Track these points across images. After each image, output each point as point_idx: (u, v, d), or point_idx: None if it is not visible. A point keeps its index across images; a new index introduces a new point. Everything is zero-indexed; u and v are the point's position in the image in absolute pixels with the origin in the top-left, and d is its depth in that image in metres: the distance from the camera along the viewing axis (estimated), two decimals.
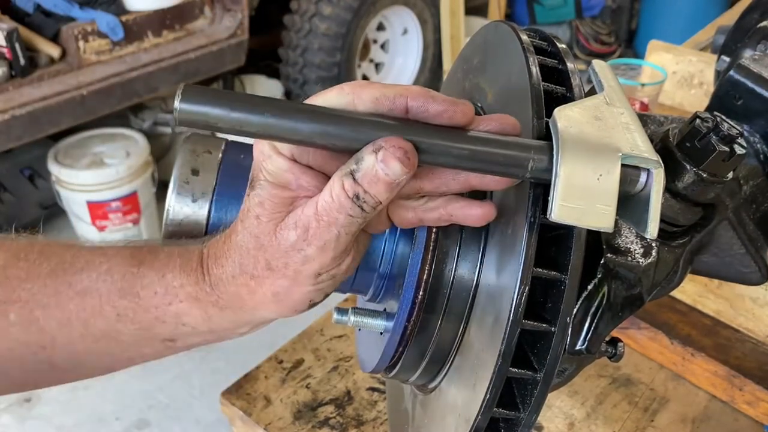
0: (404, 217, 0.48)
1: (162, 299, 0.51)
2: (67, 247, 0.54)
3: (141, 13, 2.67)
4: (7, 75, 2.31)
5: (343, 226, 0.44)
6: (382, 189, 0.42)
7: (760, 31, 0.85)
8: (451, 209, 0.47)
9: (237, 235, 0.48)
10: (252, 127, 0.40)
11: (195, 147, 0.59)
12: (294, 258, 0.46)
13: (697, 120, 0.47)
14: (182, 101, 0.39)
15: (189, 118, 0.39)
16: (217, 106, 0.39)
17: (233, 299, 0.50)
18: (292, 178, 0.44)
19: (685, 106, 1.62)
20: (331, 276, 0.48)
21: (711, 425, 0.93)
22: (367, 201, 0.42)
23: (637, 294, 0.51)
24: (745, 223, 0.59)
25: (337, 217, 0.43)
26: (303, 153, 0.44)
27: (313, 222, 0.44)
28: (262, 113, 0.40)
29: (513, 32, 0.53)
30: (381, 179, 0.41)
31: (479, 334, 0.50)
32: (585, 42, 4.42)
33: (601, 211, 0.40)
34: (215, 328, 0.52)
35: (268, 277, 0.47)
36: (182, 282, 0.50)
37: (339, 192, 0.42)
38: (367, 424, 0.92)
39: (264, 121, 0.40)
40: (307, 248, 0.45)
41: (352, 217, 0.43)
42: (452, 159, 0.42)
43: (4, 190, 2.71)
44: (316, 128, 0.40)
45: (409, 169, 0.41)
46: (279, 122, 0.40)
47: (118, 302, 0.51)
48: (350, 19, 3.16)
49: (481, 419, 0.46)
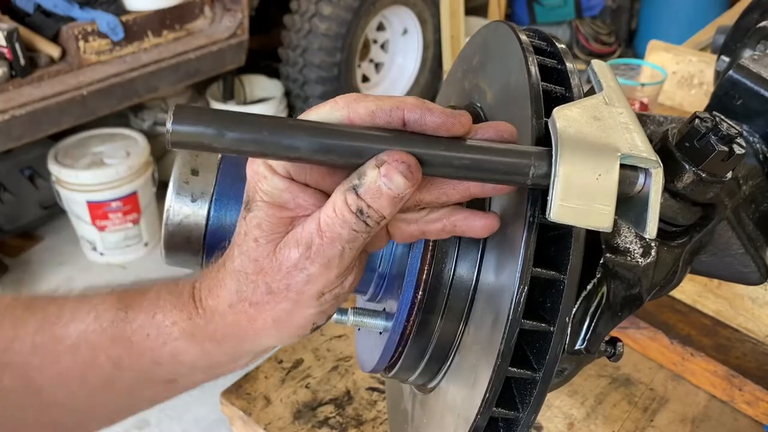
0: (405, 230, 0.47)
1: (155, 341, 0.49)
2: (50, 301, 0.53)
3: (141, 13, 2.67)
4: (7, 75, 2.31)
5: (347, 242, 0.42)
6: (385, 204, 0.41)
7: (760, 31, 0.85)
8: (454, 220, 0.46)
9: (233, 261, 0.46)
10: (248, 146, 0.39)
11: None
12: (296, 278, 0.44)
13: (697, 120, 0.48)
14: (174, 123, 0.38)
15: (183, 140, 0.38)
16: (211, 126, 0.38)
17: (231, 329, 0.47)
18: (290, 198, 0.43)
19: (685, 106, 1.62)
20: (334, 296, 0.46)
21: (711, 425, 0.93)
22: (371, 216, 0.41)
23: (636, 294, 0.51)
24: (744, 222, 0.59)
25: (341, 233, 0.42)
26: (300, 171, 0.43)
27: (316, 239, 0.43)
28: (258, 131, 0.39)
29: (512, 32, 0.53)
30: (384, 194, 0.40)
31: (478, 333, 0.50)
32: (585, 42, 4.42)
33: (600, 210, 0.40)
34: (214, 362, 0.50)
35: (268, 302, 0.45)
36: (174, 319, 0.48)
37: (342, 207, 0.41)
38: (366, 423, 0.92)
39: (260, 139, 0.39)
40: (310, 266, 0.43)
41: (356, 233, 0.42)
42: (453, 170, 0.42)
43: (4, 190, 2.71)
44: (315, 144, 0.39)
45: (413, 183, 0.40)
46: (276, 140, 0.39)
47: (111, 350, 0.49)
48: (350, 19, 3.16)
49: (480, 419, 0.46)
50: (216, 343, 0.48)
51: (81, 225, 2.73)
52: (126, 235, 2.78)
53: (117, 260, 2.83)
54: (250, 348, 0.49)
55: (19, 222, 2.83)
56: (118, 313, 0.50)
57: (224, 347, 0.49)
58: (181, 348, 0.49)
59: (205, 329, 0.48)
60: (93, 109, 2.51)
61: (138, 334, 0.49)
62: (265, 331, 0.47)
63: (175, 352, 0.49)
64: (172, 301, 0.49)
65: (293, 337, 0.48)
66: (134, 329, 0.49)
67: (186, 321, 0.48)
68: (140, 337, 0.49)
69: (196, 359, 0.50)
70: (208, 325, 0.48)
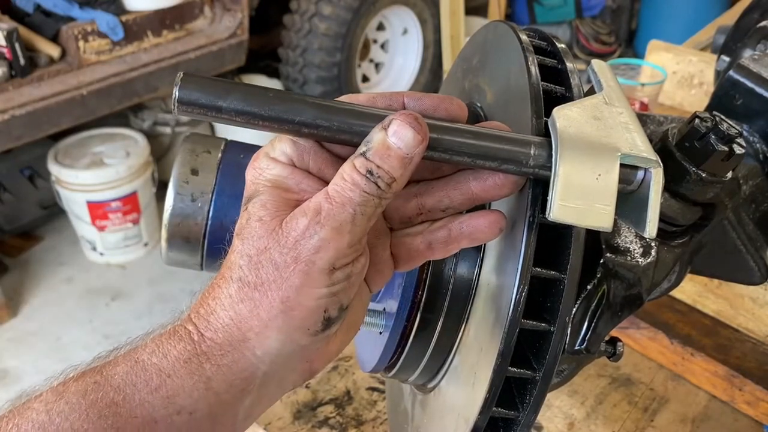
0: (411, 246, 0.46)
1: (143, 390, 0.40)
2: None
3: (141, 13, 2.67)
4: (7, 75, 2.31)
5: (358, 205, 0.40)
6: (396, 164, 0.40)
7: (760, 31, 0.85)
8: (459, 222, 0.46)
9: (233, 253, 0.42)
10: (251, 112, 0.40)
11: (194, 147, 0.59)
12: (306, 246, 0.40)
13: (697, 120, 0.47)
14: (181, 88, 0.39)
15: (187, 105, 0.39)
16: (216, 93, 0.40)
17: (231, 331, 0.41)
18: (294, 183, 0.43)
19: (685, 106, 1.62)
20: (346, 275, 0.42)
21: (711, 425, 0.93)
22: (382, 176, 0.40)
23: (636, 294, 0.51)
24: (744, 222, 0.59)
25: (351, 197, 0.40)
26: (302, 156, 0.43)
27: (325, 204, 0.40)
28: (265, 98, 0.40)
29: (512, 32, 0.53)
30: (394, 152, 0.40)
31: (478, 333, 0.50)
32: (585, 42, 4.42)
33: (600, 210, 0.40)
34: (215, 403, 0.42)
35: (275, 279, 0.41)
36: (164, 351, 0.41)
37: (350, 171, 0.40)
38: (366, 423, 0.92)
39: (268, 105, 0.40)
40: (320, 230, 0.40)
41: (367, 194, 0.40)
42: (456, 154, 0.42)
43: (4, 190, 2.71)
44: (319, 113, 0.40)
45: (422, 137, 0.40)
46: (281, 106, 0.40)
47: (96, 424, 0.39)
48: (350, 19, 3.16)
49: (480, 419, 0.46)
50: (216, 366, 0.41)
51: (81, 225, 2.73)
52: (126, 235, 2.78)
53: (117, 260, 2.83)
54: (255, 361, 0.42)
55: (19, 222, 2.83)
56: (91, 379, 0.41)
57: (224, 370, 0.41)
58: (176, 385, 0.41)
59: (199, 345, 0.41)
60: (93, 109, 2.51)
61: (120, 391, 0.40)
62: (271, 322, 0.41)
63: (169, 395, 0.40)
64: (155, 338, 0.43)
65: (303, 330, 0.42)
66: (115, 386, 0.40)
67: (176, 344, 0.42)
68: (124, 395, 0.40)
69: (195, 399, 0.41)
70: (204, 337, 0.42)
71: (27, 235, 2.92)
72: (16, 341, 2.47)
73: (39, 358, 2.39)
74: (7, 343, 2.46)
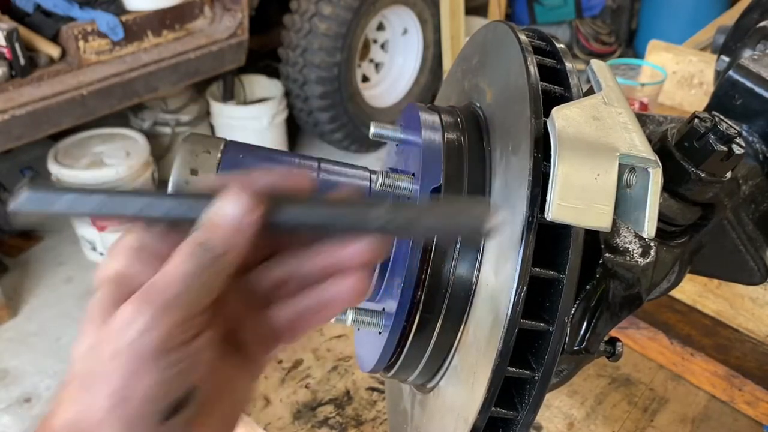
0: (282, 318, 0.45)
1: None
2: None
3: (141, 13, 2.67)
4: (7, 75, 2.31)
5: (191, 275, 0.39)
6: (225, 234, 0.39)
7: (760, 31, 0.85)
8: (320, 290, 0.43)
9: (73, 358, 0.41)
10: (87, 210, 0.40)
11: (194, 147, 0.59)
12: (128, 333, 0.38)
13: (696, 120, 0.47)
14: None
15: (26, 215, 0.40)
16: (48, 200, 0.40)
17: None
18: (136, 272, 0.41)
19: (685, 106, 1.62)
20: (184, 354, 0.39)
21: (711, 425, 0.93)
22: (214, 247, 0.39)
23: (635, 294, 0.51)
24: (744, 222, 0.59)
25: (184, 270, 0.39)
26: (150, 242, 0.42)
27: (153, 285, 0.39)
28: (92, 194, 0.40)
29: (512, 32, 0.53)
30: (223, 223, 0.39)
31: (477, 333, 0.50)
32: (585, 42, 4.42)
33: (599, 210, 0.40)
34: None
35: (102, 374, 0.38)
36: None
37: (184, 246, 0.39)
38: (366, 423, 0.92)
39: (97, 199, 0.40)
40: (145, 313, 0.38)
41: (200, 262, 0.39)
42: (299, 224, 0.41)
43: (4, 190, 2.71)
44: (145, 202, 0.40)
45: (251, 207, 0.39)
46: (110, 199, 0.40)
47: None
48: (350, 19, 3.16)
49: (479, 419, 0.46)
50: None
51: (81, 225, 2.73)
52: None
53: None
54: None
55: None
56: None
57: None
58: None
59: None
60: (93, 109, 2.51)
61: None
62: (105, 419, 0.38)
63: None
64: None
65: (146, 419, 0.38)
66: None
67: None
68: None
69: None
70: None
71: (27, 235, 2.92)
72: (16, 341, 2.47)
73: (39, 358, 2.39)
74: (7, 343, 2.46)
